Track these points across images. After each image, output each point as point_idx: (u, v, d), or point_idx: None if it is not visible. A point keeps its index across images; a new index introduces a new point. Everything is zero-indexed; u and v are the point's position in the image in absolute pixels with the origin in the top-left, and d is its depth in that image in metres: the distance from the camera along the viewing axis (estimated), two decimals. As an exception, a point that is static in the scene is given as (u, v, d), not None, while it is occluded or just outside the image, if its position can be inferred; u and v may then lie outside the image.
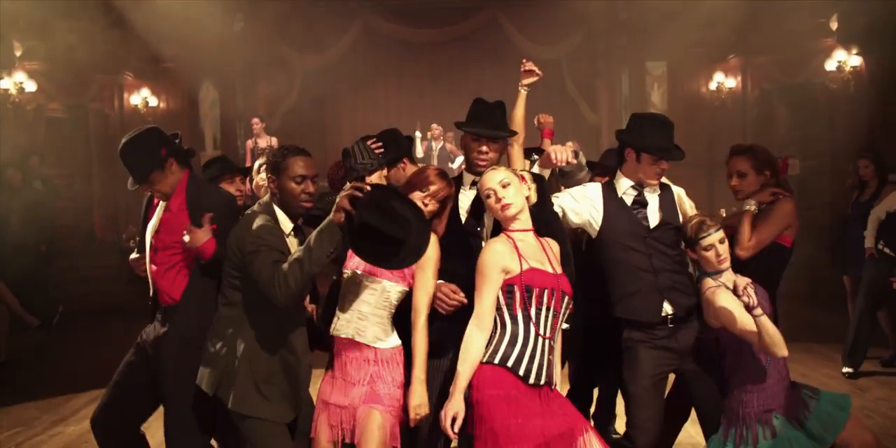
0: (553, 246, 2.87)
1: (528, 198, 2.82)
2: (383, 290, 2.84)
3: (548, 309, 2.69)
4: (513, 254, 2.69)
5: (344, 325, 2.85)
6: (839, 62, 10.05)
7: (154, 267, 3.16)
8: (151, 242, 3.19)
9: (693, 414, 3.42)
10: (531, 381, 2.63)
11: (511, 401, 2.58)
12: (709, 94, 12.17)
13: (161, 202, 3.22)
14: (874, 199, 5.79)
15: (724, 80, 11.97)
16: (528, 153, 3.95)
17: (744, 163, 3.43)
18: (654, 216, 3.27)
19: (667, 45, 11.38)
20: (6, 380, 6.34)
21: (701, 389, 3.25)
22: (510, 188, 2.76)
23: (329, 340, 2.95)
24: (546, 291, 2.67)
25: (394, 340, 2.87)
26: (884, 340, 6.02)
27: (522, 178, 2.84)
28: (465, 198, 3.19)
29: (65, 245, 9.96)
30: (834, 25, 9.76)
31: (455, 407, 2.58)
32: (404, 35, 12.59)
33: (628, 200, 3.28)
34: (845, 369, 5.68)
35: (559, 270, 2.78)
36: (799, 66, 10.87)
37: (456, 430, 2.57)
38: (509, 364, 2.62)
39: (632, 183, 3.28)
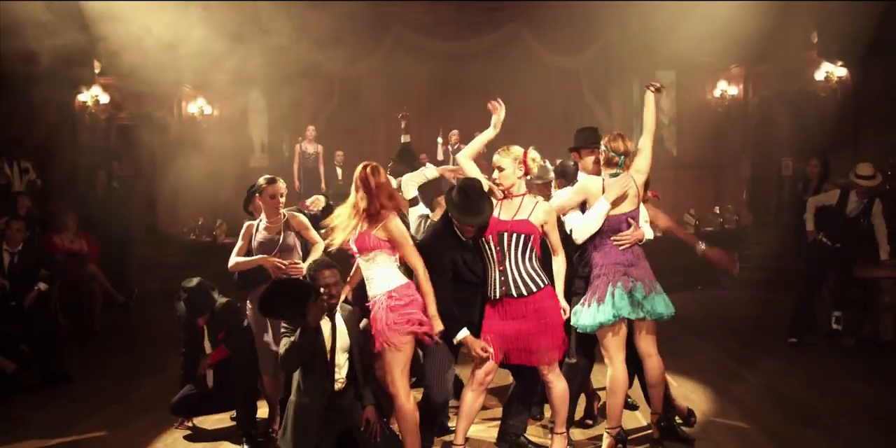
0: (540, 206, 4.09)
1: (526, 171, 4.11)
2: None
3: (497, 245, 4.04)
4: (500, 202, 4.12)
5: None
6: (827, 73, 11.03)
7: None
8: None
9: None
10: (490, 296, 4.09)
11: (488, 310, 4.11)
12: (714, 100, 13.07)
13: None
14: (815, 195, 6.89)
15: (727, 88, 12.89)
16: None
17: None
18: None
19: (675, 55, 12.28)
20: (101, 345, 7.82)
21: None
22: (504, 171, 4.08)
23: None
24: (492, 234, 4.04)
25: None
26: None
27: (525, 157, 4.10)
28: None
29: (132, 237, 11.32)
30: (815, 39, 10.70)
31: None
32: (433, 47, 13.65)
33: None
34: (791, 339, 6.78)
35: (516, 217, 4.03)
36: (794, 76, 11.81)
37: None
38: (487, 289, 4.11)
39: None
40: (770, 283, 9.23)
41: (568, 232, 4.30)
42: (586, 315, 4.17)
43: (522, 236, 4.01)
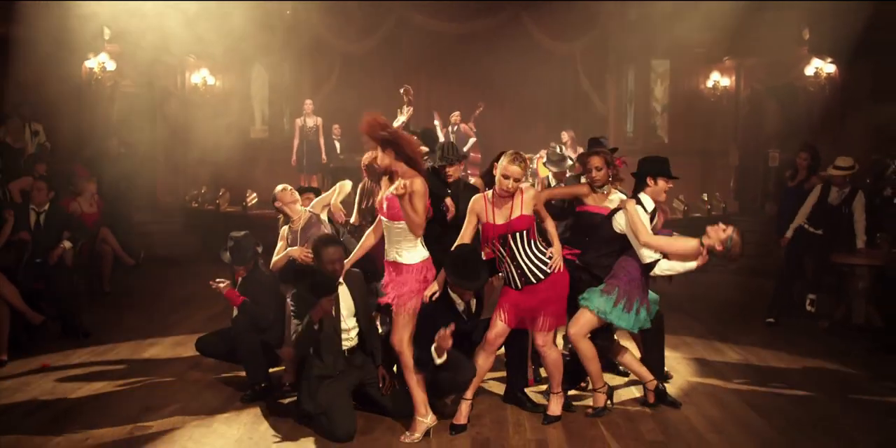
0: (527, 193, 4.38)
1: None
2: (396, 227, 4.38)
3: (504, 246, 4.39)
4: (485, 207, 4.40)
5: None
6: (816, 68, 11.42)
7: None
8: None
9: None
10: (511, 286, 4.45)
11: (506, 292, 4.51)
12: (706, 90, 13.46)
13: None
14: (799, 186, 7.31)
15: (719, 79, 13.27)
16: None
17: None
18: None
19: (670, 45, 12.65)
20: (111, 304, 8.15)
21: None
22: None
23: None
24: (496, 239, 4.40)
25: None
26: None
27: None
28: None
29: (138, 203, 11.55)
30: (806, 36, 11.07)
31: None
32: (435, 28, 13.85)
33: None
34: (768, 319, 7.23)
35: (513, 216, 4.33)
36: (784, 70, 12.19)
37: None
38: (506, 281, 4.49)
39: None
40: (753, 268, 9.66)
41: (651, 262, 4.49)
42: (610, 309, 4.51)
43: (524, 231, 4.36)
